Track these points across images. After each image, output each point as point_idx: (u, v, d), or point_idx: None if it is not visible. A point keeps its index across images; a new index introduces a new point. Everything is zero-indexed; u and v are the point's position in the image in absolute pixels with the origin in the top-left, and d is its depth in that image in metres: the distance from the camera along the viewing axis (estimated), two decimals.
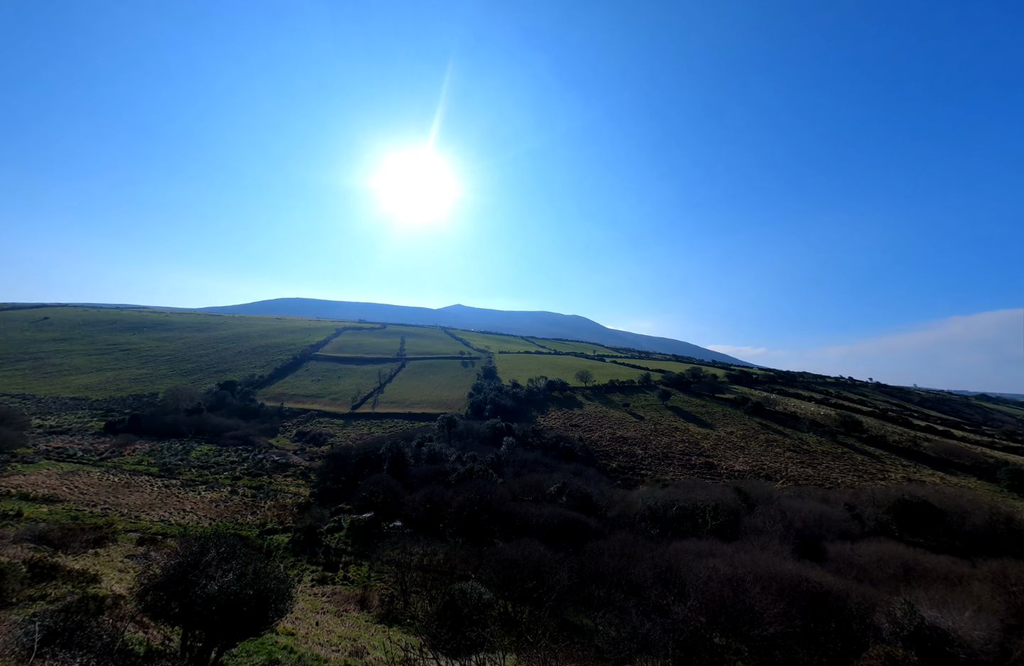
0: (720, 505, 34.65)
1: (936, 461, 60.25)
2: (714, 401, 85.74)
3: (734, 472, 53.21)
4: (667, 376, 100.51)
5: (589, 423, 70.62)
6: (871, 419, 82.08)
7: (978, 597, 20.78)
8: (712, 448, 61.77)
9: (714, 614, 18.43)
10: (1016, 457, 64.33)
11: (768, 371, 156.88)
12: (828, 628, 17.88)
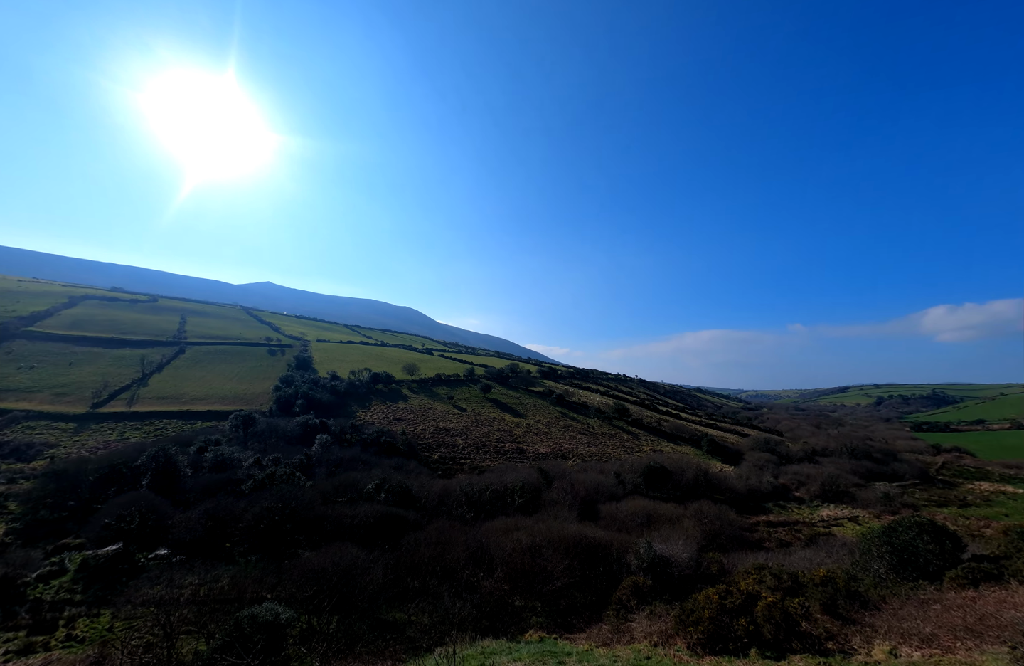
0: (526, 484, 39.19)
1: (670, 436, 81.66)
2: (527, 393, 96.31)
3: (539, 454, 60.91)
4: (489, 371, 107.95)
5: (413, 416, 70.17)
6: (634, 406, 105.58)
7: (686, 530, 29.15)
8: (523, 435, 69.31)
9: (515, 580, 20.80)
10: (713, 431, 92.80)
11: (569, 368, 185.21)
12: (598, 572, 22.31)
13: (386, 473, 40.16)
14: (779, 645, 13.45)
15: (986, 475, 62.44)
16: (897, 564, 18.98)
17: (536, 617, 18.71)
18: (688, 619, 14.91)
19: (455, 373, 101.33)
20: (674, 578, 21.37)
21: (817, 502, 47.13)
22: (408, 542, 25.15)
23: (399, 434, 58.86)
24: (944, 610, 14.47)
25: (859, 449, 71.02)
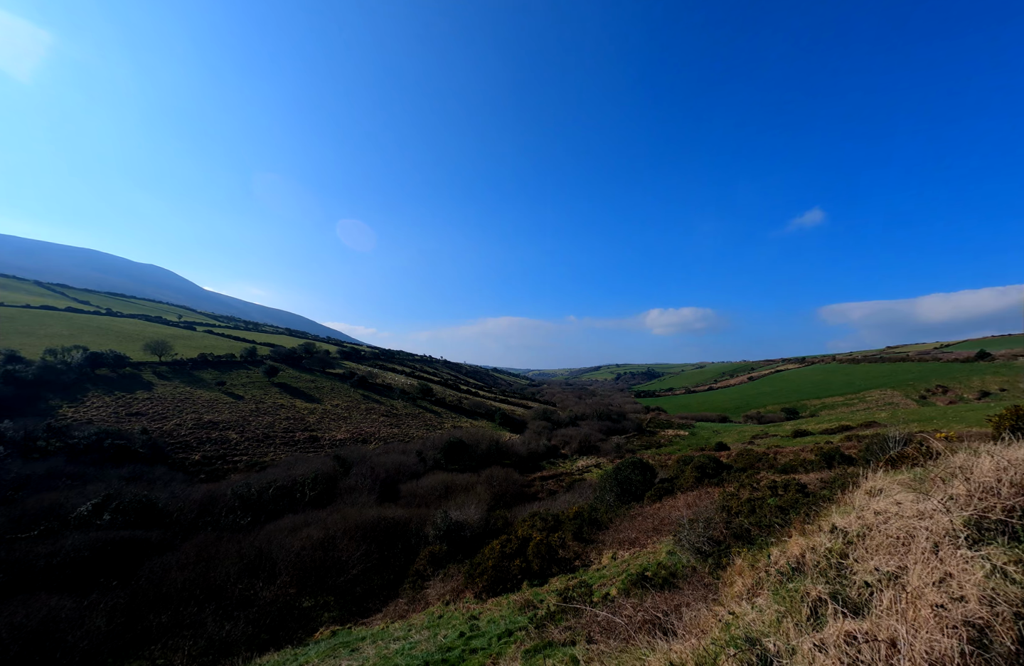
0: (319, 475, 35.90)
1: (469, 412, 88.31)
2: (324, 376, 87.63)
3: (336, 441, 56.60)
4: (277, 351, 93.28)
5: (163, 409, 54.66)
6: (438, 386, 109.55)
7: (479, 494, 32.28)
8: (318, 422, 62.98)
9: (304, 580, 18.94)
10: (504, 405, 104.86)
11: (375, 349, 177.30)
12: (397, 551, 22.45)
13: (114, 487, 30.28)
14: (543, 573, 16.43)
15: (671, 425, 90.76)
16: (620, 493, 25.69)
17: (328, 613, 17.55)
18: (475, 571, 16.61)
19: (228, 353, 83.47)
20: (467, 539, 23.42)
21: (576, 456, 59.45)
22: (151, 570, 19.67)
23: (137, 434, 44.90)
24: (643, 519, 20.41)
25: (603, 413, 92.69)
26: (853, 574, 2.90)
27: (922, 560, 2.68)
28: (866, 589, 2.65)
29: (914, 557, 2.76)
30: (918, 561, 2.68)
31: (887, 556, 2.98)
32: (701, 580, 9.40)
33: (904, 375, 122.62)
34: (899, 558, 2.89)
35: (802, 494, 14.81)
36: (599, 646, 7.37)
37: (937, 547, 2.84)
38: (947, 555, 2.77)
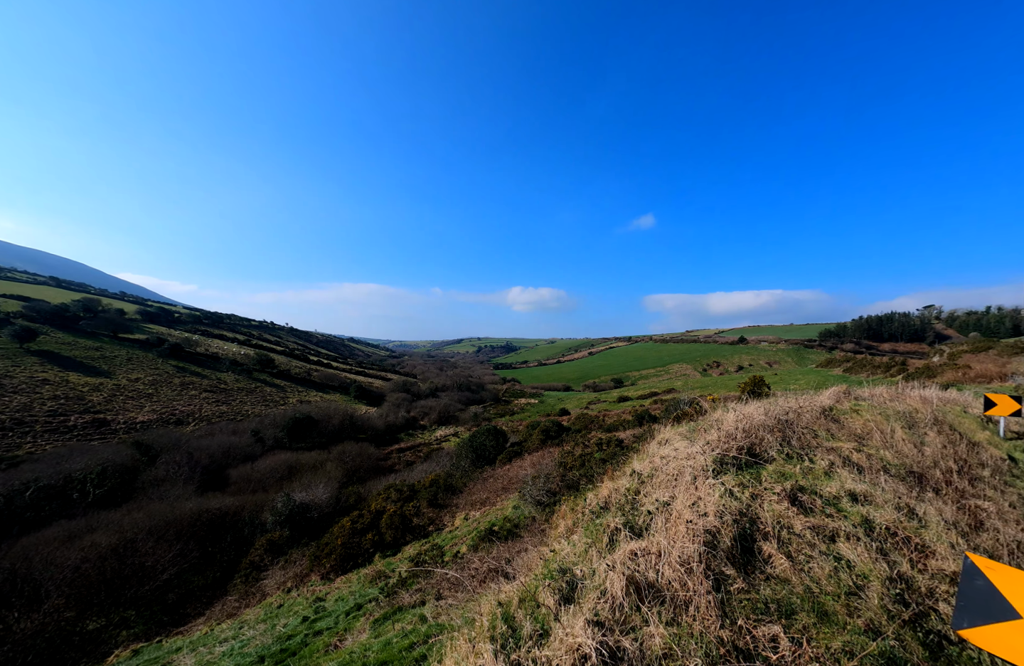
0: (110, 467, 28.92)
1: (320, 385, 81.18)
2: (117, 343, 69.17)
3: (136, 424, 45.97)
4: (36, 307, 69.48)
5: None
6: (282, 357, 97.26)
7: (329, 472, 30.50)
8: (106, 401, 49.91)
9: (89, 598, 15.36)
10: (361, 377, 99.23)
11: (195, 311, 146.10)
12: (225, 543, 19.85)
13: None
14: (397, 543, 16.69)
15: (524, 394, 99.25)
16: (475, 458, 27.40)
17: (128, 630, 14.67)
18: (322, 552, 15.91)
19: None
20: (315, 520, 22.08)
21: (435, 426, 60.61)
22: None
23: None
24: (494, 480, 22.29)
25: (463, 384, 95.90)
26: (641, 506, 3.76)
27: (684, 489, 3.61)
28: (648, 516, 3.48)
29: (681, 488, 3.70)
30: (683, 491, 3.60)
31: (664, 489, 3.93)
32: (539, 527, 10.86)
33: (694, 353, 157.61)
34: (672, 490, 3.84)
35: (620, 448, 18.12)
36: (447, 601, 7.96)
37: (695, 479, 3.87)
38: (700, 484, 3.80)
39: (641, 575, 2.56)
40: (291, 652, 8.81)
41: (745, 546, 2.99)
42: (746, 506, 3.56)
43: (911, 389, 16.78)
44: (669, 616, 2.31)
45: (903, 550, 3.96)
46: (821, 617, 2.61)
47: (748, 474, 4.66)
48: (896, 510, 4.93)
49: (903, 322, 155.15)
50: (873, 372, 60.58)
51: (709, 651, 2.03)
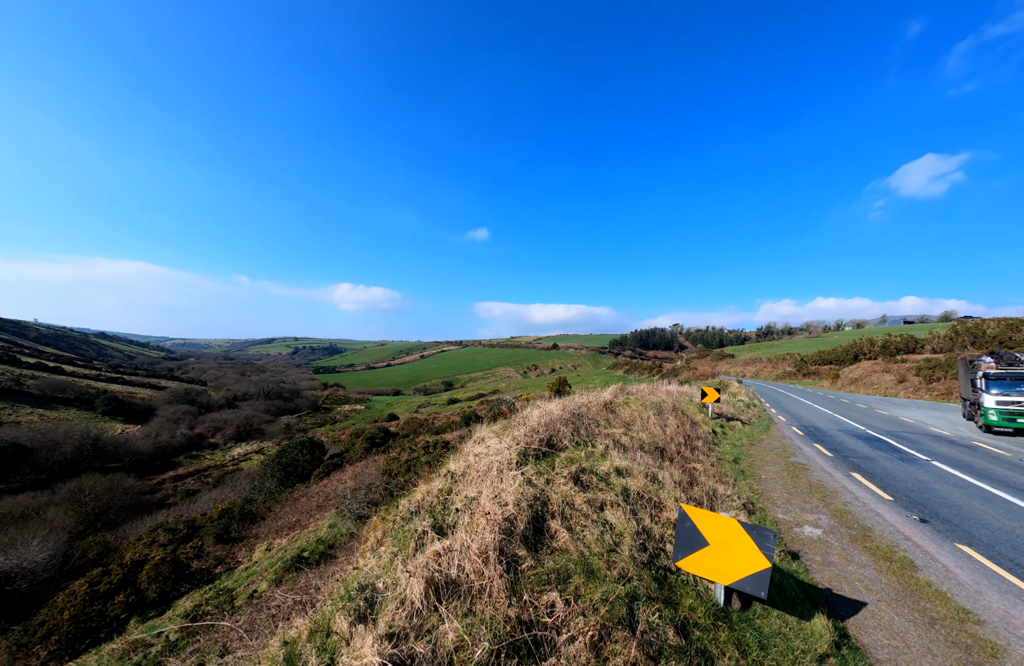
0: None
1: (40, 398, 58.07)
2: None
3: None
4: None
5: None
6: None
7: (51, 520, 21.97)
8: None
9: None
10: (116, 386, 75.04)
11: None
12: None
13: None
14: (166, 598, 13.15)
15: (349, 400, 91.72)
16: (284, 477, 23.89)
17: None
18: (34, 638, 11.32)
19: None
20: (22, 593, 15.54)
21: (231, 443, 50.33)
22: None
23: None
24: (307, 499, 19.83)
25: (273, 391, 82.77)
26: (452, 505, 3.92)
27: (490, 483, 3.93)
28: (456, 514, 3.65)
29: (487, 482, 4.00)
30: (488, 485, 3.90)
31: (474, 485, 4.19)
32: (357, 543, 10.11)
33: (518, 357, 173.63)
34: (479, 485, 4.12)
35: (446, 449, 18.45)
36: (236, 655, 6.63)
37: (500, 472, 4.25)
38: (504, 476, 4.20)
39: (442, 574, 2.66)
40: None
41: (537, 527, 3.44)
42: (540, 491, 4.10)
43: (662, 385, 22.19)
44: (465, 608, 2.46)
45: (647, 508, 5.17)
46: (589, 576, 3.20)
47: (545, 462, 5.37)
48: (645, 478, 6.41)
49: (661, 335, 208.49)
50: (642, 373, 77.76)
51: (497, 632, 2.24)
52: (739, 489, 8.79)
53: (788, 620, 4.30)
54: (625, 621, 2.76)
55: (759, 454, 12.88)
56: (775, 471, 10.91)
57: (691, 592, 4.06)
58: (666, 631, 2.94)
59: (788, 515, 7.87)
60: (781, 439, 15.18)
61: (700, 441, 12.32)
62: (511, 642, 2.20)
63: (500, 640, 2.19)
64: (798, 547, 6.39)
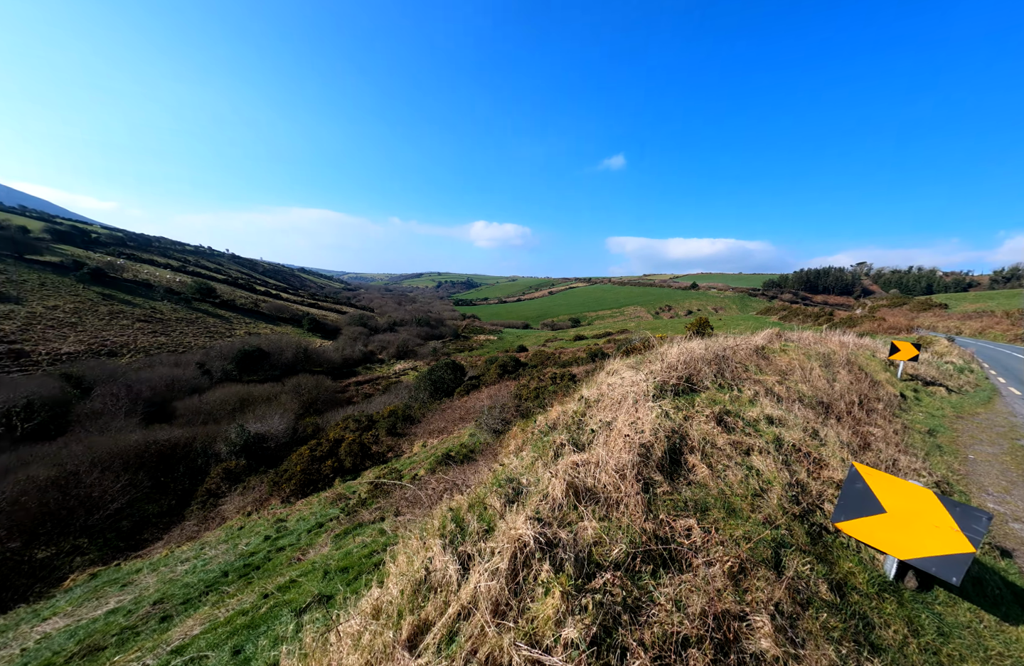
0: (36, 401, 27.16)
1: (269, 317, 77.49)
2: (24, 265, 61.01)
3: (61, 356, 42.56)
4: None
5: None
6: (225, 286, 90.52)
7: (284, 404, 30.44)
8: (22, 330, 45.25)
9: (34, 529, 15.29)
10: (315, 310, 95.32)
11: (116, 231, 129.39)
12: (178, 473, 19.96)
13: None
14: (356, 468, 17.50)
15: (483, 331, 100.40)
16: (433, 391, 28.21)
17: (82, 557, 14.95)
18: (282, 478, 16.43)
19: None
20: (272, 450, 22.46)
21: (393, 360, 60.86)
22: None
23: None
24: (452, 411, 23.28)
25: (423, 319, 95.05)
26: (586, 426, 4.04)
27: (626, 411, 3.88)
28: (591, 434, 3.76)
29: (623, 410, 3.97)
30: (624, 412, 3.87)
31: (608, 411, 4.21)
32: (493, 451, 11.65)
33: (649, 297, 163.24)
34: (615, 412, 4.12)
35: (572, 381, 19.15)
36: (405, 516, 8.61)
37: (636, 402, 4.16)
38: (640, 406, 4.11)
39: (580, 481, 2.81)
40: (255, 566, 9.35)
41: (674, 458, 3.35)
42: (678, 425, 3.93)
43: (833, 335, 18.47)
44: (602, 513, 2.58)
45: (803, 462, 4.59)
46: (729, 513, 3.05)
47: (684, 399, 5.07)
48: (803, 431, 5.64)
49: (837, 276, 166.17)
50: (804, 321, 65.97)
51: (633, 539, 2.31)
52: (931, 465, 7.21)
53: (984, 617, 3.57)
54: (770, 563, 2.60)
55: (969, 430, 10.19)
56: (992, 453, 8.57)
57: (851, 556, 3.61)
58: (818, 584, 2.70)
59: (1004, 506, 6.25)
60: (1009, 416, 11.64)
61: (881, 404, 10.24)
62: (646, 550, 2.25)
63: (636, 546, 2.26)
64: (1013, 545, 5.10)
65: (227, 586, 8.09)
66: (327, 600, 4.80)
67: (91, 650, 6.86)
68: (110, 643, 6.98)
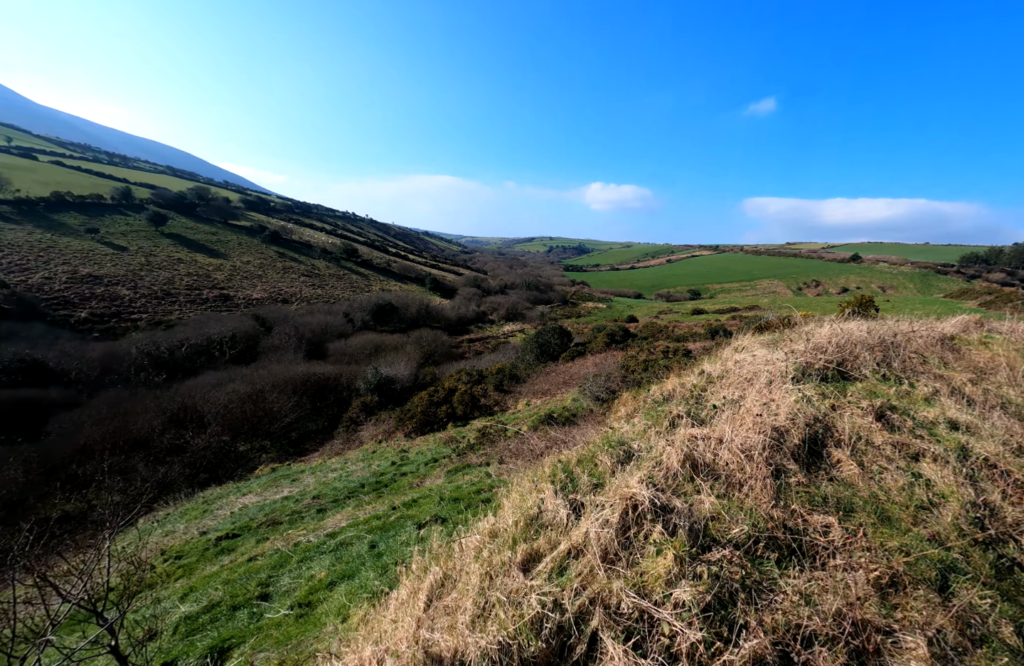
0: (238, 334, 35.04)
1: (399, 276, 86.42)
2: (228, 228, 76.93)
3: (252, 301, 53.72)
4: (161, 194, 77.57)
5: (20, 259, 45.88)
6: (364, 247, 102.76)
7: (409, 353, 34.41)
8: (227, 279, 57.99)
9: (237, 429, 20.38)
10: (436, 271, 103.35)
11: (287, 200, 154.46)
12: (329, 402, 24.40)
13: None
14: (467, 417, 19.30)
15: (592, 298, 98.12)
16: (539, 354, 29.01)
17: (266, 454, 19.62)
18: (405, 416, 18.97)
19: (94, 194, 67.93)
20: (397, 391, 25.89)
21: (503, 322, 63.70)
22: (60, 426, 19.65)
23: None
24: (556, 375, 23.81)
25: (532, 284, 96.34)
26: (706, 401, 3.74)
27: (757, 390, 3.47)
28: (712, 410, 3.47)
29: (753, 389, 3.56)
30: (755, 391, 3.47)
31: (734, 389, 3.82)
32: (595, 418, 11.72)
33: (791, 269, 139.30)
34: (742, 390, 3.73)
35: (687, 357, 17.87)
36: (508, 465, 9.34)
37: (771, 382, 3.68)
38: (775, 388, 3.63)
39: (699, 455, 2.66)
40: (384, 484, 11.17)
41: (813, 449, 2.93)
42: (823, 414, 3.39)
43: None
44: (720, 490, 2.42)
45: (998, 482, 3.66)
46: (882, 520, 2.60)
47: (832, 387, 4.34)
48: (1002, 445, 4.46)
49: None
50: (1021, 309, 50.09)
51: (756, 522, 2.13)
52: None
53: None
54: (933, 585, 2.18)
55: None
56: None
57: None
58: (999, 624, 2.21)
59: None
60: None
61: None
62: (771, 536, 2.07)
63: (759, 530, 2.09)
64: None
65: (363, 495, 9.86)
66: (441, 521, 5.56)
67: (272, 523, 9.10)
68: (284, 520, 9.16)
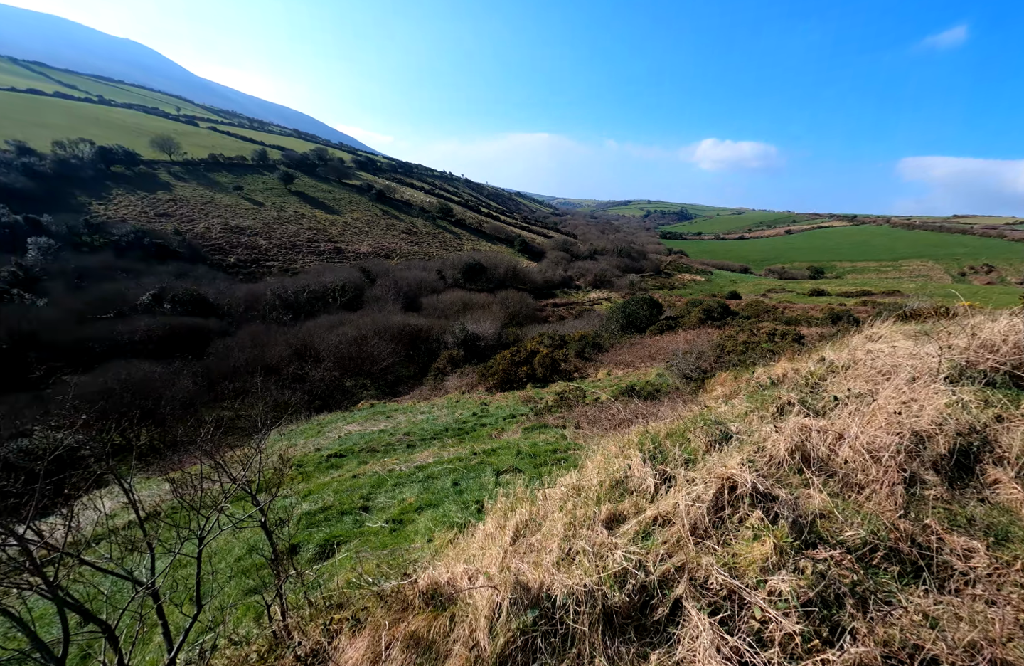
0: (347, 284, 38.96)
1: (489, 236, 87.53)
2: (341, 187, 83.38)
3: (360, 254, 58.80)
4: (289, 155, 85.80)
5: (188, 211, 54.98)
6: (458, 207, 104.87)
7: (494, 313, 35.55)
8: (340, 234, 63.82)
9: (344, 367, 23.32)
10: (525, 233, 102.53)
11: (391, 160, 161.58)
12: (421, 351, 26.55)
13: (165, 281, 33.70)
14: (546, 379, 19.74)
15: (690, 269, 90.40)
16: (625, 324, 28.04)
17: (367, 391, 22.31)
18: (487, 372, 19.98)
19: (239, 155, 77.56)
20: (481, 348, 27.20)
21: (589, 288, 62.08)
22: (217, 349, 24.10)
23: (171, 234, 46.75)
24: (641, 347, 22.95)
25: (624, 250, 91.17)
26: (825, 392, 3.33)
27: (895, 387, 2.98)
28: (833, 402, 3.08)
29: (890, 385, 3.06)
30: (892, 388, 2.98)
31: (864, 382, 3.33)
32: (681, 396, 11.21)
33: (955, 248, 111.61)
34: (874, 384, 3.23)
35: (798, 342, 15.91)
36: (584, 431, 9.49)
37: (914, 379, 3.12)
38: (920, 386, 3.07)
39: (811, 447, 2.41)
40: (465, 431, 12.08)
41: (963, 463, 2.47)
42: (983, 425, 2.81)
43: None
44: (834, 489, 2.20)
45: None
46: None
47: (1000, 394, 3.56)
48: None
49: None
50: None
51: (876, 530, 1.92)
52: None
53: None
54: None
55: None
56: None
57: None
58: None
59: None
60: None
61: None
62: (893, 548, 1.85)
63: (878, 538, 1.88)
64: None
65: (447, 438, 10.83)
66: (518, 472, 5.94)
67: (370, 450, 10.48)
68: (380, 449, 10.49)
